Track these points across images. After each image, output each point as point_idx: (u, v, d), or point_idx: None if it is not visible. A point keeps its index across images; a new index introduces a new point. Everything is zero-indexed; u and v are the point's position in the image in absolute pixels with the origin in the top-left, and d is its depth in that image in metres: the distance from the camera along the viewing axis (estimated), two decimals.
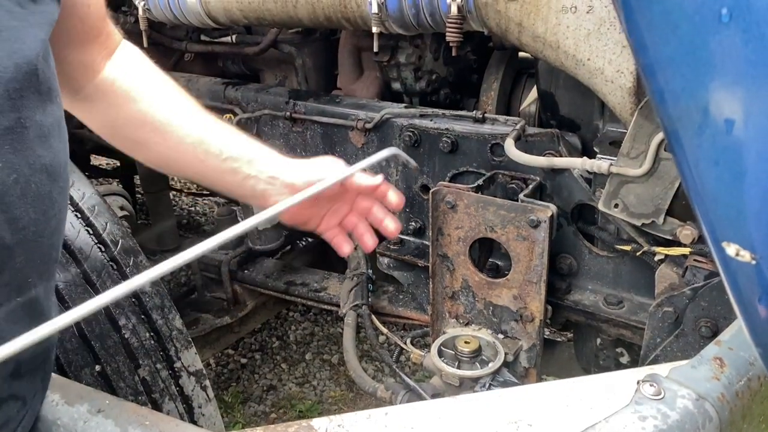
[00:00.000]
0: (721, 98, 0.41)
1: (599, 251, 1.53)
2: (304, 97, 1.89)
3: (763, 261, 0.42)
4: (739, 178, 0.42)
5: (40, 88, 0.74)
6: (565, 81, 1.53)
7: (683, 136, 0.43)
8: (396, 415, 1.00)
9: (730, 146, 0.41)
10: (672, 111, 0.43)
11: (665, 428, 0.84)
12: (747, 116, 0.40)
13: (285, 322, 3.10)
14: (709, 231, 0.45)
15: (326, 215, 1.12)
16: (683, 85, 0.42)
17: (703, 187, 0.44)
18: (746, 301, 0.45)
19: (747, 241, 0.42)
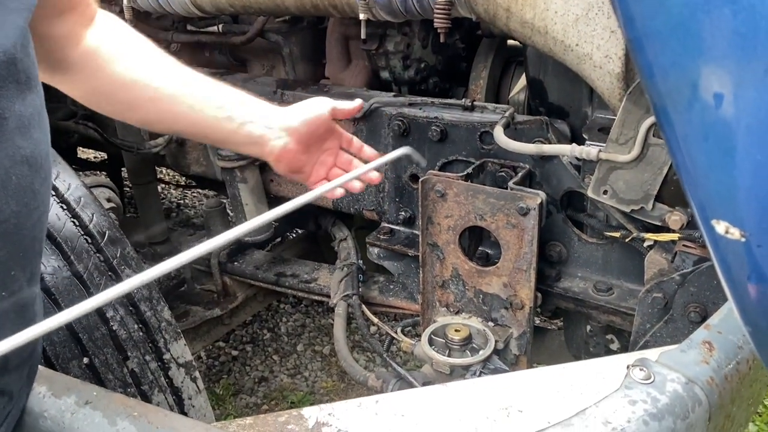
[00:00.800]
0: (710, 72, 0.41)
1: (588, 238, 1.53)
2: (291, 86, 1.88)
3: (752, 238, 0.41)
4: (729, 153, 0.41)
5: (19, 78, 0.72)
6: (554, 68, 1.53)
7: (672, 111, 0.42)
8: (386, 403, 1.00)
9: (719, 121, 0.41)
10: (661, 86, 0.43)
11: (655, 412, 0.84)
12: (736, 90, 0.39)
13: (276, 314, 3.10)
14: (698, 209, 0.45)
15: (315, 166, 1.16)
16: (672, 59, 0.41)
17: (692, 164, 0.43)
18: (736, 280, 0.44)
19: (737, 218, 0.42)
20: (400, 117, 1.67)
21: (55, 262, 1.23)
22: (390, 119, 1.69)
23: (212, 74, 1.99)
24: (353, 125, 1.76)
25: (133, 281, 0.69)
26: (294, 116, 1.08)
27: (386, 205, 1.80)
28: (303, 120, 1.08)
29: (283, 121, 1.07)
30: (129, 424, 0.84)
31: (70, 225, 1.27)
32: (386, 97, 1.72)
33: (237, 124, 1.06)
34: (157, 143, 2.15)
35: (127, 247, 1.33)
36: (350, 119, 1.74)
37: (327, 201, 1.92)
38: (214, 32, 2.03)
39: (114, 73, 1.02)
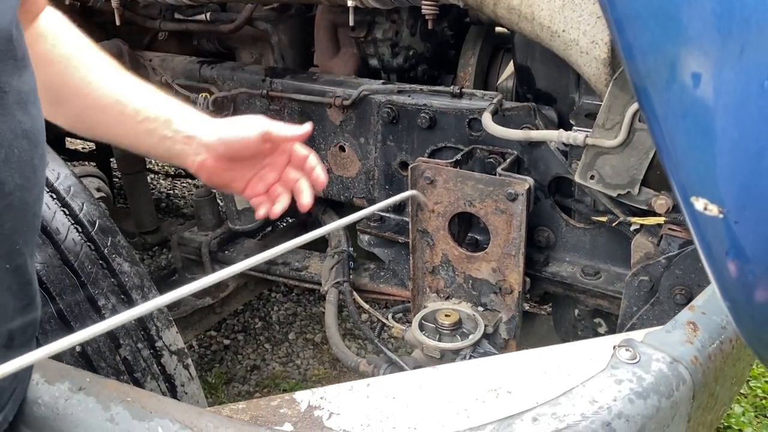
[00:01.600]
0: (687, 53, 0.42)
1: (576, 223, 1.54)
2: (280, 74, 1.88)
3: (730, 214, 0.43)
4: (707, 132, 0.42)
5: (16, 54, 0.74)
6: (541, 54, 1.53)
7: (652, 92, 0.43)
8: (378, 387, 1.02)
9: (697, 101, 0.42)
10: (641, 66, 0.44)
11: (640, 391, 0.86)
12: (713, 70, 0.40)
13: (267, 303, 3.10)
14: (678, 186, 0.46)
15: (252, 180, 1.11)
16: (651, 40, 0.42)
17: (672, 143, 0.44)
18: (715, 256, 0.46)
19: (715, 194, 0.43)
20: (389, 104, 1.67)
21: (46, 251, 1.23)
22: (379, 107, 1.69)
23: (200, 63, 1.99)
24: (343, 113, 1.76)
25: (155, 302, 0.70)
26: (215, 134, 1.04)
27: (376, 193, 1.81)
28: (222, 139, 1.04)
29: (204, 137, 1.04)
30: (123, 409, 0.85)
31: (60, 214, 1.27)
32: (375, 85, 1.73)
33: (157, 139, 1.05)
34: None
35: (118, 235, 1.33)
36: (339, 107, 1.74)
37: (317, 189, 1.92)
38: (201, 20, 2.02)
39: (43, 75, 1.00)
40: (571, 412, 0.83)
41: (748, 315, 0.48)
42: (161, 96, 1.08)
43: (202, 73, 1.97)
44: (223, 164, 1.06)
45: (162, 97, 1.07)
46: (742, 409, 2.39)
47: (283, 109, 1.85)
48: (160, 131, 1.04)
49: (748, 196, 0.42)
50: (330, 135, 1.81)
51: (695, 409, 0.94)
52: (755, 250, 0.43)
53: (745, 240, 0.43)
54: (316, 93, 1.78)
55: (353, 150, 1.79)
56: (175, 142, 1.05)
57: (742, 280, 0.45)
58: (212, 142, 1.04)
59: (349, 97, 1.71)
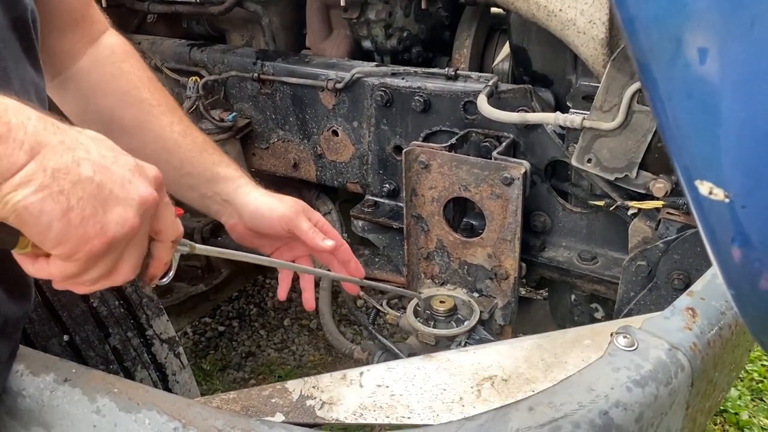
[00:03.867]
0: (693, 25, 0.39)
1: (573, 208, 1.52)
2: (272, 57, 1.84)
3: (736, 199, 0.40)
4: (713, 111, 0.40)
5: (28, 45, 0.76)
6: (538, 35, 1.50)
7: (655, 68, 0.41)
8: (371, 376, 1.00)
9: (703, 78, 0.39)
10: (643, 41, 0.41)
11: (639, 378, 0.84)
12: (721, 44, 0.38)
13: (262, 289, 3.09)
14: (682, 170, 0.44)
15: (281, 249, 1.15)
16: (655, 12, 0.39)
17: (675, 123, 0.42)
18: (719, 242, 0.44)
19: (720, 178, 0.41)
20: (383, 87, 1.64)
21: None
22: (372, 89, 1.66)
23: (190, 46, 1.96)
24: (335, 96, 1.73)
25: None
26: (249, 206, 1.07)
27: (370, 178, 1.78)
28: (252, 216, 1.07)
29: (237, 206, 1.08)
30: (109, 400, 0.83)
31: None
32: (368, 67, 1.70)
33: (197, 195, 1.08)
34: None
35: None
36: (332, 91, 1.71)
37: (311, 174, 1.90)
38: (191, 2, 1.97)
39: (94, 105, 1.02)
40: (567, 401, 0.81)
41: (753, 304, 0.46)
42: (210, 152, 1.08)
43: (192, 57, 1.94)
44: (252, 233, 1.10)
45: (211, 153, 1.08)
46: (738, 392, 2.39)
47: (275, 92, 1.82)
48: (201, 189, 1.07)
49: (757, 180, 0.40)
50: (323, 119, 1.78)
51: (694, 396, 0.93)
52: (762, 236, 0.41)
53: (752, 226, 0.41)
54: (308, 76, 1.75)
55: (346, 134, 1.76)
56: (213, 202, 1.09)
57: (747, 267, 0.43)
58: (244, 213, 1.07)
59: (342, 80, 1.68)
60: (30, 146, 0.56)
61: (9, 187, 0.55)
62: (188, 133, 1.06)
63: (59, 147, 0.58)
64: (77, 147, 0.60)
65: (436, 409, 0.94)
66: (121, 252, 0.64)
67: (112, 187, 0.61)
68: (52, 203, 0.57)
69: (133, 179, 0.63)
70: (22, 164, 0.56)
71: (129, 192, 0.62)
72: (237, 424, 0.79)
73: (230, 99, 1.90)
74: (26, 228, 0.58)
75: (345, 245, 1.14)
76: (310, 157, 1.86)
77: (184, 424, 0.80)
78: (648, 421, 0.84)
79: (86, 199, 0.59)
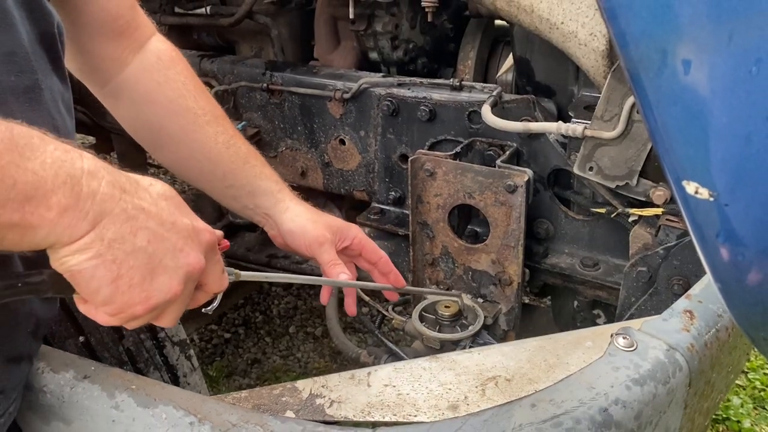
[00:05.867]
0: (677, 39, 0.43)
1: (575, 215, 1.55)
2: (280, 68, 1.88)
3: (721, 198, 0.44)
4: (697, 117, 0.43)
5: (54, 57, 0.79)
6: (540, 47, 1.54)
7: (644, 78, 0.45)
8: (378, 375, 1.03)
9: (687, 86, 0.43)
10: (633, 53, 0.45)
11: (637, 377, 0.87)
12: (703, 56, 0.42)
13: (268, 297, 3.12)
14: (670, 170, 0.47)
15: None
16: (642, 27, 0.43)
17: (663, 128, 0.45)
18: (706, 239, 0.47)
19: (705, 178, 0.44)
20: (389, 97, 1.68)
21: None
22: (379, 99, 1.70)
23: (200, 56, 2.00)
24: (343, 106, 1.77)
25: None
26: (288, 223, 1.13)
27: (376, 186, 1.82)
28: (288, 234, 1.13)
29: (277, 220, 1.13)
30: (127, 396, 0.86)
31: None
32: (375, 78, 1.74)
33: (240, 206, 1.13)
34: None
35: None
36: (340, 101, 1.75)
37: (318, 182, 1.94)
38: (201, 14, 2.02)
39: (144, 114, 1.04)
40: (569, 398, 0.84)
41: (738, 297, 0.49)
42: (254, 163, 1.12)
43: (202, 67, 1.98)
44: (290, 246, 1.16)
45: (252, 163, 1.11)
46: (740, 400, 2.41)
47: (283, 102, 1.86)
48: (244, 201, 1.12)
49: (738, 179, 0.43)
50: (330, 128, 1.82)
51: (691, 396, 0.95)
52: (745, 232, 0.44)
53: (735, 222, 0.44)
54: (316, 86, 1.79)
55: (353, 143, 1.80)
56: (255, 214, 1.14)
57: (732, 262, 0.46)
58: (281, 230, 1.13)
59: (349, 90, 1.72)
60: (93, 216, 0.60)
61: (67, 251, 0.60)
62: (232, 143, 1.08)
63: (120, 216, 0.62)
64: (138, 214, 0.64)
65: (442, 407, 0.96)
66: (163, 309, 0.69)
67: (162, 257, 0.65)
68: (104, 271, 0.61)
69: (185, 247, 0.67)
70: (83, 233, 0.60)
71: (178, 261, 0.66)
72: (251, 419, 0.82)
73: (240, 109, 1.95)
74: (77, 287, 0.63)
75: (384, 257, 1.20)
76: (318, 166, 1.90)
77: (199, 418, 0.83)
78: (647, 419, 0.87)
79: (136, 268, 0.63)
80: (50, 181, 0.57)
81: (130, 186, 0.65)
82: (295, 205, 1.14)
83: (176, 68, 1.05)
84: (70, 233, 0.59)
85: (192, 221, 0.71)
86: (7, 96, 0.71)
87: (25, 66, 0.73)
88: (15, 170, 0.55)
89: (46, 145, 0.58)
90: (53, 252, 0.61)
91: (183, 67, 1.06)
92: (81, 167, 0.60)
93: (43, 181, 0.56)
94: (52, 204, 0.57)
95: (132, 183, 0.66)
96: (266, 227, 1.16)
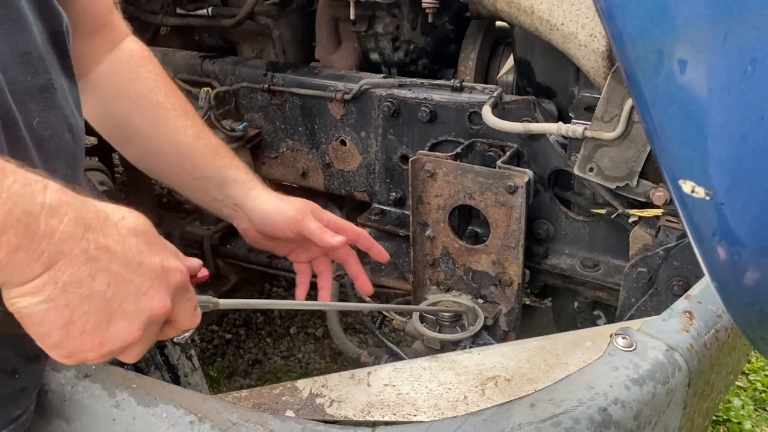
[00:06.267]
0: (673, 39, 0.43)
1: (576, 216, 1.56)
2: (282, 69, 1.89)
3: (716, 196, 0.44)
4: (693, 116, 0.44)
5: (64, 56, 0.80)
6: (541, 48, 1.54)
7: (641, 78, 0.45)
8: (378, 375, 1.03)
9: (683, 86, 0.43)
10: (630, 54, 0.45)
11: (636, 377, 0.87)
12: (698, 56, 0.42)
13: (269, 298, 3.12)
14: (666, 170, 0.47)
15: (296, 249, 1.17)
16: (639, 27, 0.43)
17: (660, 127, 0.46)
18: (702, 237, 0.47)
19: (701, 177, 0.45)
20: (390, 98, 1.69)
21: None
22: (380, 100, 1.71)
23: (202, 57, 2.01)
24: (344, 107, 1.78)
25: None
26: (258, 210, 1.09)
27: (377, 187, 1.82)
28: (262, 219, 1.09)
29: (248, 209, 1.10)
30: (128, 395, 0.87)
31: None
32: (376, 79, 1.74)
33: (209, 198, 1.11)
34: None
35: None
36: (340, 101, 1.76)
37: (319, 183, 1.94)
38: (203, 15, 2.03)
39: (112, 109, 1.04)
40: (568, 397, 0.84)
41: (735, 295, 0.49)
42: (223, 156, 1.10)
43: (203, 68, 1.99)
44: (264, 236, 1.12)
45: (223, 157, 1.10)
46: (741, 402, 2.41)
47: (284, 103, 1.87)
48: (213, 192, 1.10)
49: (733, 178, 0.43)
50: (331, 129, 1.83)
51: (691, 396, 0.95)
52: (740, 230, 0.44)
53: (730, 221, 0.45)
54: (317, 87, 1.80)
55: (354, 144, 1.81)
56: (225, 206, 1.11)
57: (728, 260, 0.47)
58: (254, 217, 1.09)
59: (350, 91, 1.73)
60: (49, 257, 0.56)
61: (17, 292, 0.57)
62: (201, 136, 1.08)
63: (80, 257, 0.58)
64: (100, 255, 0.60)
65: (442, 407, 0.97)
66: (120, 352, 0.65)
67: (123, 301, 0.62)
68: (55, 315, 0.58)
69: (150, 290, 0.64)
70: (36, 275, 0.56)
71: (140, 305, 0.63)
72: (251, 418, 0.83)
73: (241, 109, 1.95)
74: (27, 329, 0.60)
75: (363, 233, 1.16)
76: (319, 166, 1.91)
77: (199, 417, 0.83)
78: (646, 419, 0.87)
79: (91, 314, 0.59)
80: (2, 219, 0.53)
81: (96, 222, 0.61)
82: (265, 191, 1.11)
83: (148, 66, 1.06)
84: (21, 274, 0.56)
85: (162, 260, 0.66)
86: (24, 96, 0.71)
87: (40, 66, 0.73)
88: None
89: (4, 177, 0.54)
90: (4, 290, 0.58)
91: (154, 66, 1.07)
92: (41, 202, 0.56)
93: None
94: (1, 243, 0.53)
95: (100, 218, 0.61)
96: (236, 221, 1.12)
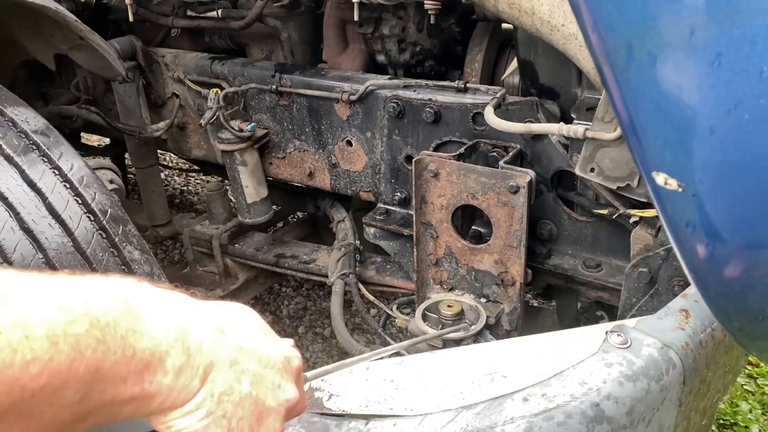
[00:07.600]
0: (642, 33, 0.44)
1: (578, 216, 1.56)
2: (290, 70, 1.91)
3: (688, 188, 0.45)
4: (663, 109, 0.45)
5: None
6: (544, 49, 1.55)
7: (614, 70, 0.46)
8: (376, 370, 1.05)
9: (653, 79, 0.44)
10: (602, 48, 0.46)
11: (630, 374, 0.88)
12: (666, 50, 0.43)
13: (278, 297, 3.14)
14: (641, 162, 0.48)
15: None
16: (609, 23, 0.44)
17: (632, 120, 0.47)
18: (676, 228, 0.48)
19: (673, 169, 0.46)
20: (395, 99, 1.70)
21: (59, 239, 1.27)
22: (385, 101, 1.72)
23: (212, 59, 2.04)
24: (350, 108, 1.79)
25: None
26: None
27: (382, 187, 1.84)
28: None
29: None
30: None
31: (73, 203, 1.32)
32: (382, 80, 1.76)
33: None
34: (159, 127, 2.19)
35: (129, 224, 1.37)
36: (347, 102, 1.77)
37: (325, 183, 1.96)
38: (213, 17, 2.06)
39: None
40: (561, 392, 0.85)
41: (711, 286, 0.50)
42: None
43: (213, 69, 2.02)
44: None
45: None
46: (749, 406, 2.39)
47: (292, 104, 1.89)
48: None
49: (704, 170, 0.44)
50: (337, 129, 1.85)
51: (686, 394, 0.96)
52: (713, 221, 0.45)
53: (702, 212, 0.45)
54: (324, 88, 1.82)
55: (360, 144, 1.82)
56: None
57: (701, 250, 0.48)
58: None
59: (356, 92, 1.74)
60: (204, 370, 0.55)
61: (177, 414, 0.54)
62: None
63: (226, 362, 0.57)
64: (239, 356, 0.59)
65: (438, 401, 0.98)
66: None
67: (265, 399, 0.61)
68: (215, 428, 0.56)
69: (282, 381, 0.64)
70: (195, 392, 0.54)
71: (279, 399, 0.63)
72: None
73: (249, 110, 1.98)
74: None
75: None
76: (325, 167, 1.93)
77: None
78: (639, 415, 0.88)
79: (245, 419, 0.59)
80: (164, 341, 0.51)
81: (224, 322, 0.58)
82: None
83: None
84: (185, 394, 0.53)
85: (280, 348, 0.66)
86: None
87: None
88: (133, 337, 0.49)
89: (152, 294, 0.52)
90: (160, 416, 0.54)
91: None
92: (186, 320, 0.54)
93: (158, 342, 0.50)
94: (167, 368, 0.51)
95: (224, 317, 0.59)
96: None
